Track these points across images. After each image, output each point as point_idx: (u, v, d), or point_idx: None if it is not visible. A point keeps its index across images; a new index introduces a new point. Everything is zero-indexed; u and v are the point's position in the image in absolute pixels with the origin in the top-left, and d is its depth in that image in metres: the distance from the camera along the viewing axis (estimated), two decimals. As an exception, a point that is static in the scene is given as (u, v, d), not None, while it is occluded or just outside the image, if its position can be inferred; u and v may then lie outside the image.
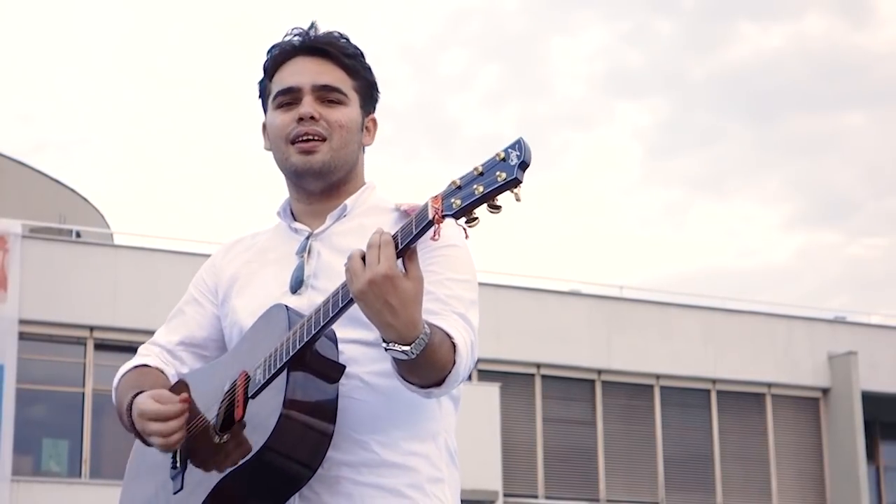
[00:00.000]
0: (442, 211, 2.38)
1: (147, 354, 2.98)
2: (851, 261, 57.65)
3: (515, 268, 62.36)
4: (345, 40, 2.90)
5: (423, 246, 2.68)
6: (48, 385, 21.84)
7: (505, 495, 23.39)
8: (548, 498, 24.56)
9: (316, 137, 2.83)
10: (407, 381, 2.57)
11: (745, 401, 26.69)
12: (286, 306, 2.70)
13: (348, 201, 2.87)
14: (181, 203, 60.00)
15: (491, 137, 59.57)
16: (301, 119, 2.83)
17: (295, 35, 2.91)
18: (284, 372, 2.59)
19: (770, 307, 27.63)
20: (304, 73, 2.87)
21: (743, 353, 26.31)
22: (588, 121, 59.84)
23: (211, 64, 65.45)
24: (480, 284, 2.86)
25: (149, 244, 22.96)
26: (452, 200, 2.38)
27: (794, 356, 26.80)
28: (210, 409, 2.75)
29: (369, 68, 2.92)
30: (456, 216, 2.38)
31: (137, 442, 2.95)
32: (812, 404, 27.20)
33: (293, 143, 2.84)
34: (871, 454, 27.80)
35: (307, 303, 2.75)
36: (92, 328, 21.62)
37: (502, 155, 2.38)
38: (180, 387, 2.88)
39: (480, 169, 2.38)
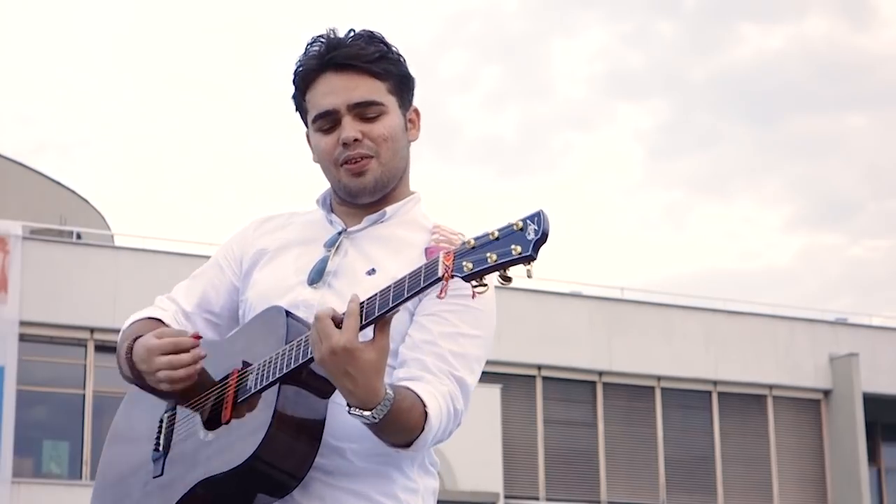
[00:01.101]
0: (452, 270, 2.36)
1: (165, 309, 2.95)
2: (853, 262, 57.67)
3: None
4: (366, 42, 2.83)
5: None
6: (49, 387, 21.83)
7: (506, 497, 23.38)
8: (549, 500, 24.55)
9: (364, 159, 2.79)
10: (376, 436, 2.58)
11: (746, 402, 26.67)
12: (286, 311, 2.68)
13: (389, 209, 2.83)
14: (182, 204, 60.04)
15: (492, 139, 59.57)
16: (346, 144, 2.79)
17: (316, 47, 2.84)
18: (276, 385, 2.58)
19: (771, 309, 27.63)
20: (336, 92, 2.81)
21: (744, 354, 26.30)
22: (589, 122, 59.89)
23: (212, 66, 65.49)
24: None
25: (149, 246, 22.98)
26: (464, 263, 2.36)
27: (795, 358, 26.79)
28: (199, 399, 2.74)
29: (398, 60, 2.85)
30: (466, 279, 2.36)
31: (125, 403, 2.95)
32: (813, 406, 27.19)
33: (343, 165, 2.80)
34: (873, 456, 27.79)
35: (319, 298, 2.74)
36: (92, 330, 21.61)
37: (520, 225, 2.33)
38: None
39: (496, 234, 2.35)
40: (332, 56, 2.81)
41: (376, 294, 2.47)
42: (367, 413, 2.48)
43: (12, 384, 20.76)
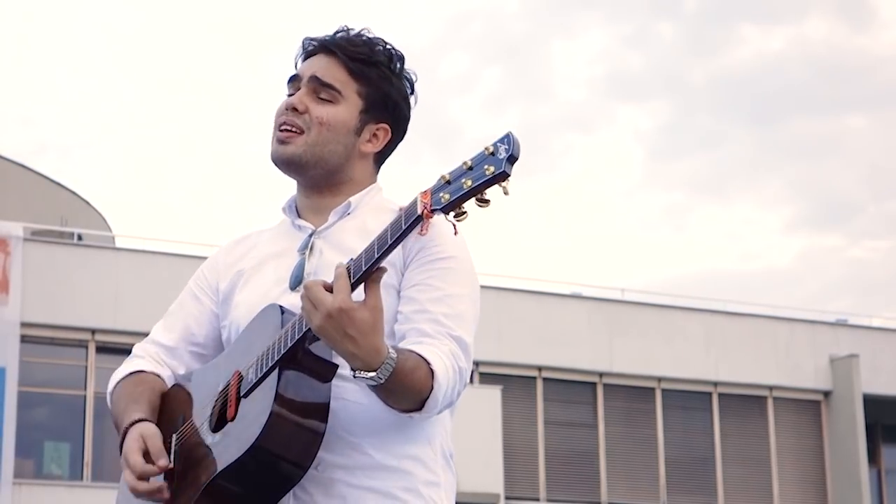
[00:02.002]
0: (430, 205, 2.39)
1: (142, 356, 2.97)
2: (853, 264, 57.65)
3: (517, 270, 62.39)
4: (364, 43, 2.88)
5: (423, 258, 2.70)
6: (50, 388, 21.84)
7: (506, 498, 23.39)
8: (549, 501, 24.55)
9: (294, 129, 2.83)
10: (386, 404, 2.58)
11: (746, 404, 26.68)
12: (280, 306, 2.69)
13: (353, 199, 2.85)
14: (183, 206, 60.04)
15: (492, 140, 59.51)
16: (287, 109, 2.85)
17: (328, 35, 2.92)
18: (276, 370, 2.59)
19: (772, 310, 27.63)
20: (310, 65, 2.88)
21: (744, 355, 26.31)
22: (589, 124, 59.90)
23: (212, 67, 65.51)
24: (482, 287, 2.84)
25: (150, 247, 22.97)
26: (441, 195, 2.39)
27: (795, 359, 26.79)
28: (204, 410, 2.75)
29: (386, 77, 2.87)
30: (445, 210, 2.39)
31: None
32: (814, 407, 27.20)
33: (279, 130, 2.86)
34: (873, 457, 27.79)
35: None
36: (93, 331, 21.62)
37: (491, 149, 2.39)
38: (176, 391, 2.88)
39: (469, 163, 2.39)
40: (328, 40, 2.88)
41: (361, 252, 2.49)
42: (371, 374, 2.48)
43: (13, 385, 20.77)
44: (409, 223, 2.42)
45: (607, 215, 58.32)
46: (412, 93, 2.93)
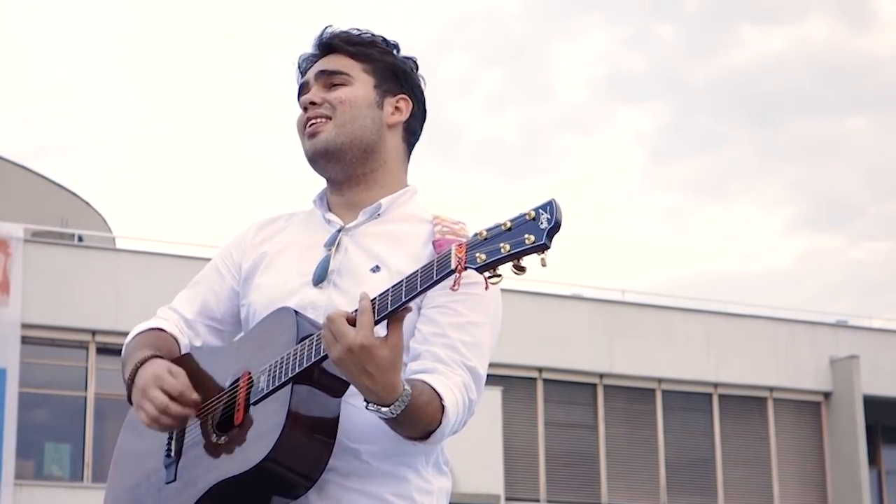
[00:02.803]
0: (465, 262, 2.37)
1: (166, 319, 2.97)
2: (853, 265, 57.64)
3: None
4: (354, 31, 2.91)
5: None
6: (50, 389, 21.85)
7: (507, 499, 23.39)
8: (549, 502, 24.56)
9: (320, 119, 2.84)
10: (392, 429, 2.59)
11: (746, 405, 26.69)
12: (295, 311, 2.67)
13: (384, 201, 2.83)
14: (183, 207, 60.04)
15: (493, 141, 59.59)
16: (305, 108, 2.86)
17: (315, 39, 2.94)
18: (289, 385, 2.58)
19: (772, 311, 27.64)
20: (313, 69, 2.90)
21: (745, 357, 26.31)
22: (590, 125, 59.91)
23: (213, 68, 65.51)
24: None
25: (151, 248, 22.97)
26: (477, 254, 2.36)
27: (795, 360, 26.80)
28: (209, 402, 2.73)
29: (388, 51, 2.91)
30: (479, 270, 2.37)
31: (130, 424, 2.94)
32: (814, 408, 27.20)
33: (307, 128, 2.86)
34: (873, 458, 27.80)
35: (326, 299, 2.74)
36: (94, 332, 21.63)
37: (532, 215, 2.34)
38: (187, 360, 2.86)
39: (509, 225, 2.36)
40: (320, 39, 2.91)
41: (388, 289, 2.48)
42: (385, 409, 2.48)
43: (14, 386, 20.77)
44: (442, 275, 2.41)
45: (607, 216, 58.37)
46: (417, 68, 2.95)
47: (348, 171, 2.85)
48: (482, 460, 22.47)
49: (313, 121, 2.83)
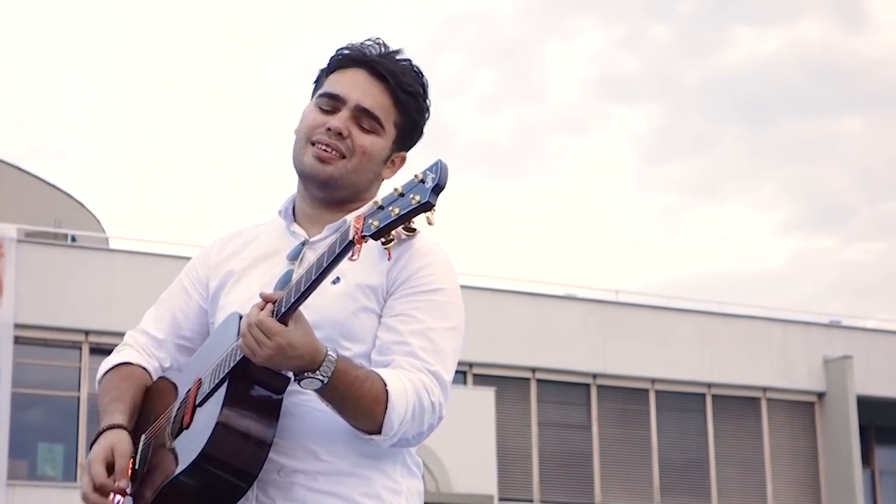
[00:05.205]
0: (362, 231, 2.41)
1: (132, 345, 3.01)
2: (847, 265, 57.71)
3: (511, 272, 62.37)
4: (411, 74, 2.89)
5: (409, 287, 2.73)
6: (44, 389, 21.83)
7: (500, 499, 23.39)
8: (543, 502, 24.57)
9: (336, 152, 2.84)
10: (343, 418, 2.63)
11: (740, 405, 26.71)
12: (240, 315, 2.70)
13: (349, 217, 2.85)
14: (177, 207, 59.99)
15: (486, 142, 59.58)
16: (330, 129, 2.84)
17: (371, 46, 2.90)
18: (225, 382, 2.63)
19: (766, 312, 27.67)
20: (356, 86, 2.87)
21: (738, 357, 26.33)
22: (583, 126, 59.90)
23: (206, 69, 65.48)
24: (476, 289, 2.86)
25: (144, 248, 22.97)
26: (371, 221, 2.42)
27: (789, 360, 26.83)
28: (171, 411, 2.81)
29: (423, 110, 2.91)
30: (374, 237, 2.41)
31: None
32: (807, 408, 27.23)
33: (314, 144, 2.85)
34: (867, 458, 27.82)
35: None
36: (87, 332, 21.62)
37: (420, 177, 2.40)
38: (160, 385, 2.93)
39: (400, 189, 2.42)
40: (377, 61, 2.87)
41: (301, 276, 2.54)
42: (312, 375, 2.54)
43: (7, 387, 20.76)
44: (343, 247, 2.47)
45: (601, 217, 58.39)
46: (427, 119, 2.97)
47: (334, 199, 2.88)
48: (475, 460, 22.46)
49: (328, 149, 2.83)
